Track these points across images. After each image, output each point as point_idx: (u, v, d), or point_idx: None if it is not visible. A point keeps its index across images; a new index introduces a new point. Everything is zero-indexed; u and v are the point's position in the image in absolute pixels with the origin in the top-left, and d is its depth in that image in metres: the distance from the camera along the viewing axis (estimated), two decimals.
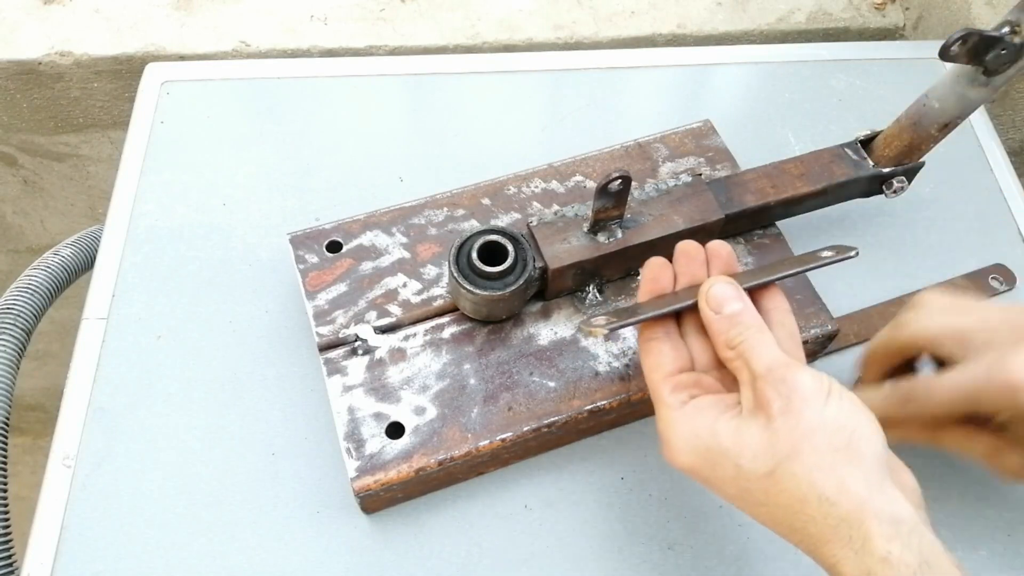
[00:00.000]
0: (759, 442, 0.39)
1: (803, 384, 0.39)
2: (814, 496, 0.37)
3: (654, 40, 0.85)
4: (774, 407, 0.39)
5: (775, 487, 0.39)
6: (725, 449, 0.40)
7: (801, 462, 0.38)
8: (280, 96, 0.73)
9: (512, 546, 0.54)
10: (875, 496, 0.37)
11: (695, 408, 0.43)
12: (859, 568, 0.36)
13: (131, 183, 0.67)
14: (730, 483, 0.41)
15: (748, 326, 0.42)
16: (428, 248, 0.58)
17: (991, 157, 0.73)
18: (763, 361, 0.41)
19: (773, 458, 0.39)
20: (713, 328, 0.44)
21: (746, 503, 0.41)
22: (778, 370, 0.40)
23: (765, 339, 0.42)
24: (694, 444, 0.42)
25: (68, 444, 0.55)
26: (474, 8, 0.86)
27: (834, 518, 0.37)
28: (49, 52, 0.83)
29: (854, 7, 0.89)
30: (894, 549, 0.35)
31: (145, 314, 0.61)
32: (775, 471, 0.38)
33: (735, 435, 0.40)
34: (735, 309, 0.43)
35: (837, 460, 0.38)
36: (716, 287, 0.44)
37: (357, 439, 0.51)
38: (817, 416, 0.38)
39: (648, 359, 0.46)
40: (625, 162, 0.63)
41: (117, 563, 0.52)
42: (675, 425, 0.43)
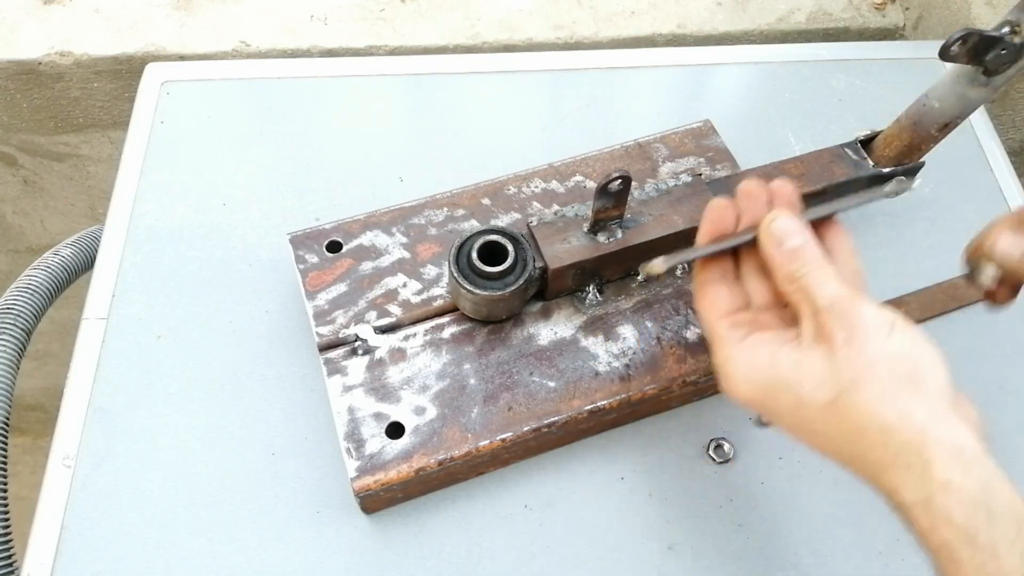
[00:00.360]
0: (820, 372, 0.39)
1: (867, 318, 0.39)
2: (876, 424, 0.37)
3: (654, 40, 0.85)
4: (837, 339, 0.39)
5: (836, 416, 0.39)
6: (786, 380, 0.40)
7: (863, 392, 0.38)
8: (280, 96, 0.73)
9: (512, 546, 0.54)
10: (937, 425, 0.37)
11: (754, 342, 0.43)
12: (919, 493, 0.36)
13: (131, 183, 0.67)
14: (790, 413, 0.41)
15: (810, 260, 0.42)
16: (428, 248, 0.58)
17: (991, 157, 0.73)
18: (826, 294, 0.40)
19: (835, 388, 0.39)
20: (774, 262, 0.43)
21: (806, 433, 0.41)
22: (841, 304, 0.40)
23: (827, 273, 0.41)
24: (754, 376, 0.42)
25: (68, 444, 0.55)
26: (474, 8, 0.86)
27: (895, 445, 0.37)
28: (49, 52, 0.83)
29: (854, 7, 0.89)
30: (955, 475, 0.35)
31: (145, 314, 0.61)
32: (836, 400, 0.39)
33: (796, 366, 0.40)
34: (797, 243, 0.43)
35: (900, 390, 0.37)
36: (778, 221, 0.43)
37: (357, 439, 0.51)
38: (880, 348, 0.38)
39: (704, 300, 0.46)
40: (625, 162, 0.63)
41: (117, 563, 0.52)
42: (734, 359, 0.43)
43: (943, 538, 0.35)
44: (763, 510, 0.55)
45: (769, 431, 0.58)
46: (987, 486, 0.35)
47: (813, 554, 0.54)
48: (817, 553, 0.54)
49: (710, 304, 0.46)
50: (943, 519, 0.35)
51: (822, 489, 0.56)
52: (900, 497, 0.37)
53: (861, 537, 0.55)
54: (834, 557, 0.54)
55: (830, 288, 0.41)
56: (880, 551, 0.54)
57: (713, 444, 0.57)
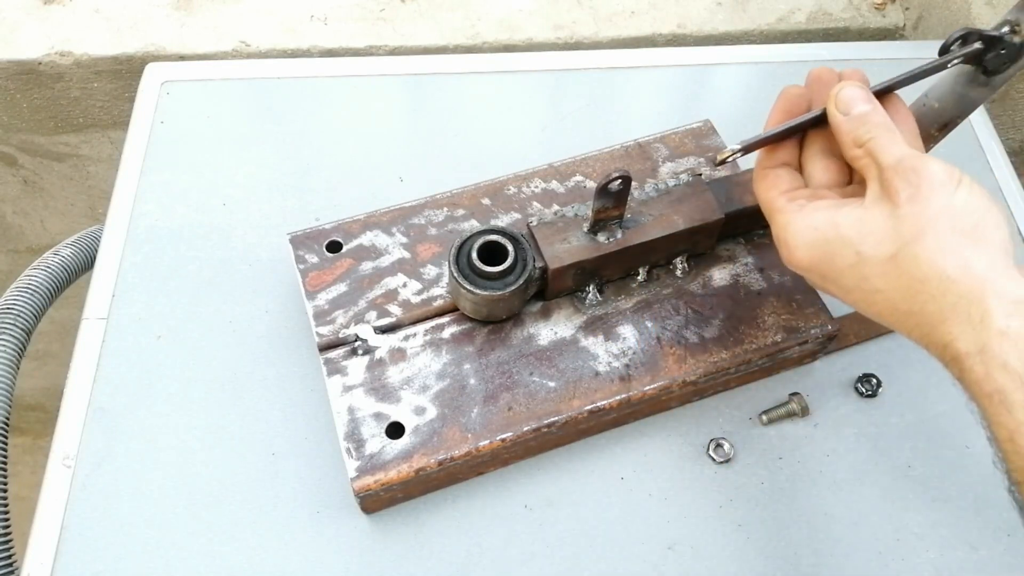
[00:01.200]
0: (883, 227, 0.40)
1: (933, 172, 0.39)
2: (935, 275, 0.38)
3: (654, 40, 0.85)
4: (902, 195, 0.39)
5: (896, 270, 0.39)
6: (846, 237, 0.41)
7: (925, 243, 0.38)
8: (280, 96, 0.73)
9: (512, 546, 0.54)
10: (998, 276, 0.37)
11: (813, 207, 0.43)
12: (975, 342, 0.36)
13: (131, 183, 0.67)
14: (848, 272, 0.41)
15: (876, 124, 0.43)
16: (428, 248, 0.58)
17: (991, 157, 0.73)
18: (893, 153, 0.41)
19: (897, 241, 0.39)
20: (842, 129, 0.44)
21: (862, 292, 0.41)
22: (908, 160, 0.40)
23: (894, 135, 0.42)
24: (813, 238, 0.42)
25: (68, 444, 0.55)
26: (474, 8, 0.86)
27: (954, 295, 0.37)
28: (49, 52, 0.83)
29: (854, 7, 0.89)
30: (1013, 323, 0.35)
31: (145, 314, 0.61)
32: (898, 254, 0.39)
33: (858, 223, 0.41)
34: (864, 109, 0.43)
35: (962, 242, 0.38)
36: (845, 90, 0.44)
37: (357, 439, 0.51)
38: (945, 202, 0.39)
39: (764, 180, 0.47)
40: (625, 162, 0.63)
41: (117, 563, 0.52)
42: (793, 224, 0.44)
43: (997, 384, 0.35)
44: (763, 510, 0.55)
45: (769, 430, 0.58)
46: None
47: (813, 554, 0.54)
48: (817, 553, 0.54)
49: (771, 183, 0.47)
50: (998, 365, 0.35)
51: (822, 489, 0.56)
52: (955, 348, 0.37)
53: (861, 537, 0.55)
54: (834, 557, 0.54)
55: (897, 148, 0.41)
56: (880, 551, 0.54)
57: (713, 444, 0.57)
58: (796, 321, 0.57)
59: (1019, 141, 0.87)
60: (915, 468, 0.57)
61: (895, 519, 0.55)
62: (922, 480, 0.57)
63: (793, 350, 0.57)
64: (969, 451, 0.58)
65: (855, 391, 0.59)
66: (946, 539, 0.55)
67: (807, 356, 0.60)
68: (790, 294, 0.58)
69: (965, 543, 0.55)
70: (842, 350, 0.62)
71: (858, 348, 0.61)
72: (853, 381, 0.60)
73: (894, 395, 0.60)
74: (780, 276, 0.59)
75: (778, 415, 0.58)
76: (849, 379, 0.60)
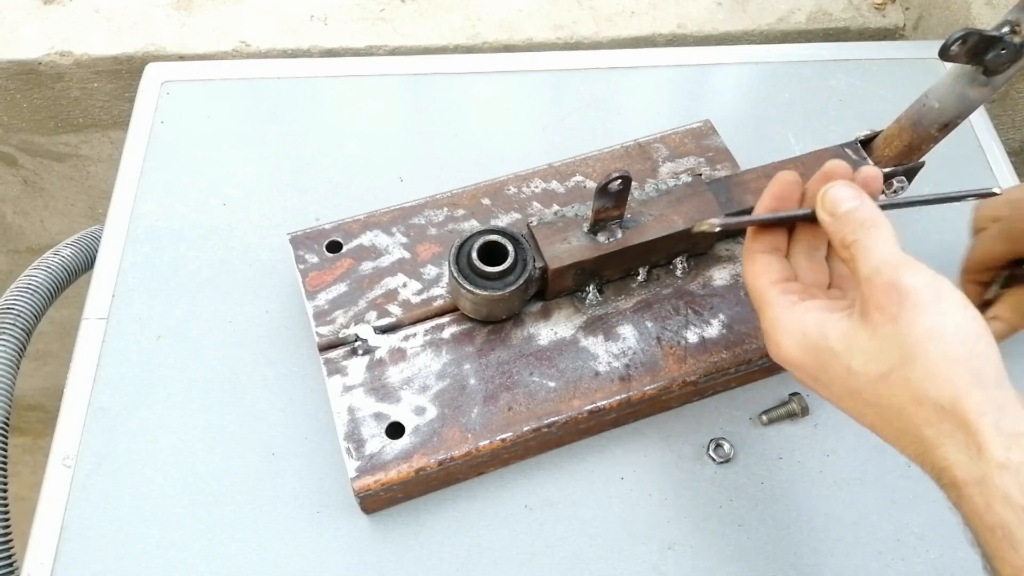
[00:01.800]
0: (871, 346, 0.38)
1: (915, 288, 0.37)
2: (929, 403, 0.36)
3: (654, 40, 0.85)
4: (883, 315, 0.38)
5: (887, 390, 0.37)
6: (834, 350, 0.39)
7: (915, 369, 0.36)
8: (280, 96, 0.73)
9: (512, 546, 0.54)
10: (994, 410, 0.35)
11: (804, 308, 0.42)
12: (973, 473, 0.35)
13: (131, 183, 0.67)
14: (839, 383, 0.40)
15: (861, 222, 0.40)
16: (428, 248, 0.58)
17: (991, 157, 0.73)
18: (873, 260, 0.39)
19: (886, 363, 0.37)
20: (829, 230, 0.42)
21: (855, 403, 0.40)
22: (887, 272, 0.38)
23: (880, 235, 0.40)
24: (801, 341, 0.41)
25: (68, 444, 0.55)
26: (474, 8, 0.86)
27: (950, 424, 0.36)
28: (49, 52, 0.83)
29: (854, 7, 0.89)
30: (1014, 457, 0.34)
31: (145, 314, 0.61)
32: (889, 375, 0.37)
33: (845, 337, 0.39)
34: (851, 207, 0.41)
35: (953, 371, 0.36)
36: (832, 189, 0.42)
37: (357, 439, 0.51)
38: (931, 325, 0.36)
39: (755, 267, 0.45)
40: (625, 162, 0.63)
41: (117, 563, 0.52)
42: (782, 322, 0.42)
43: (999, 517, 0.34)
44: (763, 510, 0.55)
45: (769, 430, 0.58)
46: None
47: (813, 554, 0.54)
48: (817, 553, 0.54)
49: (760, 270, 0.45)
50: (1000, 498, 0.34)
51: (822, 489, 0.56)
52: (951, 475, 0.36)
53: (861, 537, 0.55)
54: (834, 557, 0.54)
55: (878, 253, 0.39)
56: (880, 551, 0.54)
57: (713, 444, 0.57)
58: None
59: (1019, 141, 0.87)
60: (915, 468, 0.57)
61: (895, 519, 0.55)
62: (922, 480, 0.56)
63: None
64: None
65: None
66: (946, 539, 0.55)
67: None
68: None
69: (965, 543, 0.55)
70: None
71: None
72: None
73: None
74: None
75: (778, 415, 0.58)
76: None
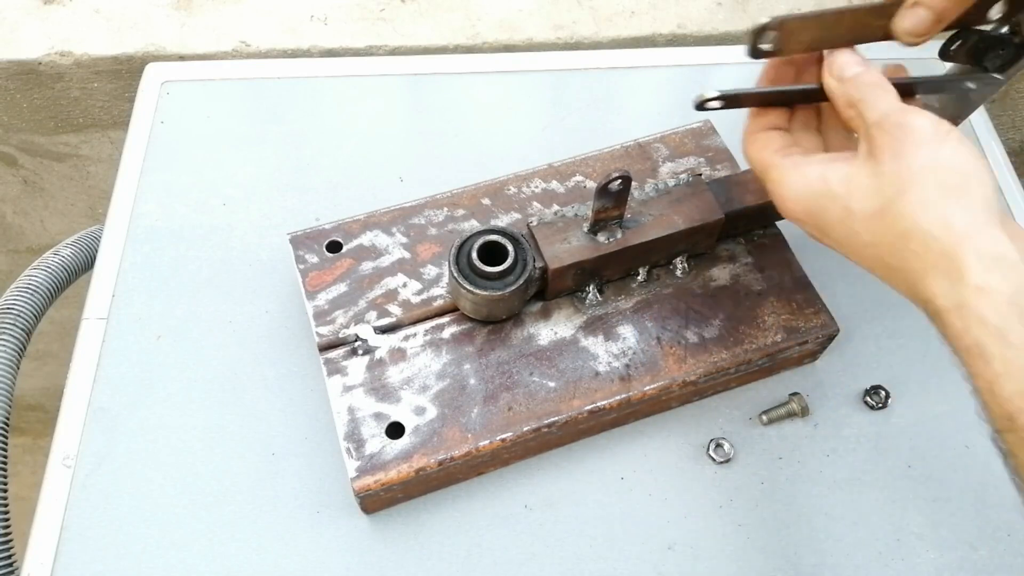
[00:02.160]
0: (869, 183, 0.40)
1: (920, 126, 0.39)
2: (918, 231, 0.38)
3: (654, 40, 0.85)
4: (887, 151, 0.40)
5: (881, 225, 0.40)
6: (835, 192, 0.42)
7: (909, 200, 0.38)
8: (280, 96, 0.73)
9: (512, 546, 0.54)
10: (977, 233, 0.37)
11: (805, 161, 0.44)
12: (953, 298, 0.37)
13: (131, 183, 0.67)
14: (838, 226, 0.42)
15: (868, 83, 0.42)
16: (428, 248, 0.58)
17: (991, 157, 0.73)
18: (879, 109, 0.41)
19: (882, 197, 0.39)
20: (835, 93, 0.44)
21: (852, 245, 0.42)
22: (894, 115, 0.40)
23: (883, 92, 0.42)
24: (804, 191, 0.43)
25: (68, 444, 0.55)
26: (474, 8, 0.86)
27: (935, 252, 0.38)
28: (49, 52, 0.83)
29: None
30: (991, 280, 0.36)
31: (145, 314, 0.61)
32: (884, 209, 0.39)
33: (846, 179, 0.41)
34: (856, 71, 0.43)
35: (945, 198, 0.38)
36: (839, 56, 0.44)
37: (357, 439, 0.51)
38: (931, 156, 0.39)
39: (755, 144, 0.47)
40: (625, 162, 0.63)
41: (117, 563, 0.52)
42: (785, 178, 0.44)
43: (974, 338, 0.36)
44: (763, 510, 0.55)
45: (769, 430, 0.58)
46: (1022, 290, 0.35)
47: (813, 554, 0.54)
48: (817, 553, 0.54)
49: (762, 144, 0.47)
50: (976, 319, 0.36)
51: (822, 489, 0.56)
52: (936, 304, 0.38)
53: (861, 537, 0.55)
54: (834, 557, 0.54)
55: (884, 103, 0.41)
56: (880, 551, 0.54)
57: (713, 444, 0.57)
58: (796, 321, 0.57)
59: (1019, 141, 0.87)
60: (915, 468, 0.57)
61: (895, 519, 0.55)
62: (922, 480, 0.57)
63: (793, 350, 0.57)
64: (969, 451, 0.58)
65: (864, 404, 0.59)
66: (946, 539, 0.55)
67: (807, 356, 0.60)
68: (790, 294, 0.58)
69: (965, 543, 0.55)
70: (839, 348, 0.61)
71: (858, 349, 0.61)
72: (854, 382, 0.60)
73: (895, 396, 0.59)
74: (780, 276, 0.59)
75: (778, 415, 0.58)
76: (850, 379, 0.60)
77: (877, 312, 0.63)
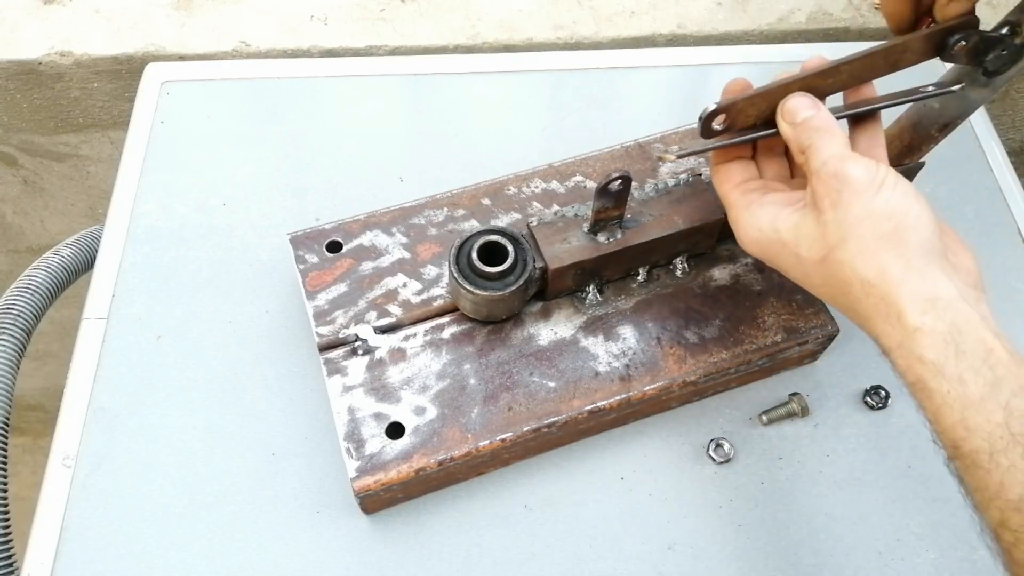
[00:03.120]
0: (813, 233, 0.43)
1: (854, 176, 0.41)
2: (857, 280, 0.41)
3: (654, 40, 0.85)
4: (826, 200, 0.42)
5: (827, 272, 0.42)
6: (784, 240, 0.45)
7: (847, 250, 0.41)
8: (280, 96, 0.73)
9: (512, 546, 0.54)
10: (913, 278, 0.40)
11: (759, 205, 0.47)
12: (895, 338, 0.40)
13: (131, 183, 0.67)
14: (792, 269, 0.45)
15: (815, 128, 0.44)
16: (428, 248, 0.58)
17: (991, 157, 0.73)
18: (822, 156, 0.43)
19: (825, 246, 0.42)
20: (789, 139, 0.46)
21: (808, 284, 0.45)
22: (831, 164, 0.42)
23: (831, 139, 0.43)
24: (757, 236, 0.46)
25: (68, 444, 0.55)
26: (474, 8, 0.86)
27: (875, 297, 0.40)
28: (49, 52, 0.82)
29: (854, 7, 0.89)
30: (926, 321, 0.39)
31: (145, 314, 0.61)
32: (827, 258, 0.42)
33: (793, 228, 0.44)
34: (807, 115, 0.45)
35: (880, 247, 0.40)
36: (790, 101, 0.46)
37: (357, 439, 0.51)
38: (865, 207, 0.41)
39: (719, 175, 0.50)
40: (625, 162, 0.63)
41: (117, 563, 0.52)
42: (740, 220, 0.47)
43: (917, 374, 0.39)
44: (763, 510, 0.55)
45: (769, 430, 0.58)
46: (956, 327, 0.38)
47: (813, 554, 0.54)
48: (817, 553, 0.54)
49: (724, 177, 0.50)
50: (915, 358, 0.39)
51: (822, 489, 0.56)
52: (881, 342, 0.41)
53: (861, 537, 0.55)
54: (834, 557, 0.54)
55: (826, 150, 0.43)
56: (880, 551, 0.54)
57: (713, 444, 0.57)
58: (796, 321, 0.57)
59: (1019, 141, 0.87)
60: (915, 468, 0.57)
61: (895, 519, 0.55)
62: (922, 480, 0.57)
63: (793, 350, 0.57)
64: None
65: (864, 404, 0.59)
66: (946, 539, 0.55)
67: (807, 356, 0.60)
68: (790, 294, 0.58)
69: (965, 543, 0.55)
70: (839, 347, 0.61)
71: (858, 349, 0.61)
72: (854, 382, 0.60)
73: (895, 396, 0.59)
74: (780, 276, 0.58)
75: (778, 415, 0.58)
76: (850, 379, 0.60)
77: None
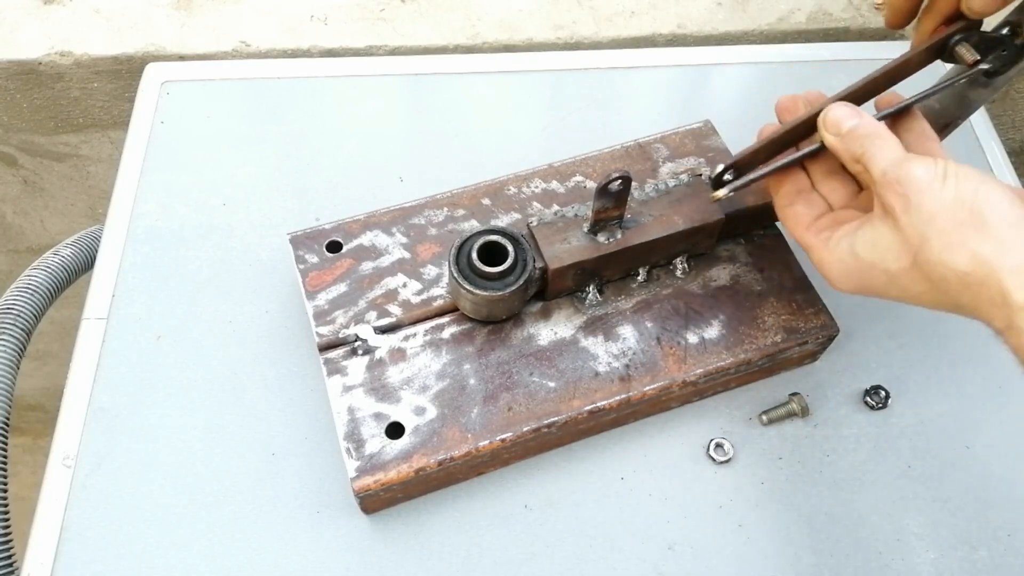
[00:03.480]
0: (893, 243, 0.42)
1: (916, 177, 0.41)
2: (952, 274, 0.40)
3: (654, 40, 0.85)
4: (897, 207, 0.41)
5: (921, 276, 0.42)
6: (869, 263, 0.44)
7: (932, 248, 0.40)
8: (280, 96, 0.73)
9: (512, 546, 0.54)
10: (1006, 255, 0.39)
11: (835, 241, 0.46)
12: (1004, 320, 0.39)
13: (131, 183, 0.67)
14: (888, 287, 0.44)
15: (865, 135, 0.44)
16: (428, 248, 0.58)
17: (991, 157, 0.73)
18: (880, 165, 0.42)
19: (909, 253, 0.41)
20: (838, 151, 0.45)
21: (909, 298, 0.44)
22: (892, 171, 0.42)
23: (884, 143, 0.43)
24: (843, 272, 0.45)
25: (68, 444, 0.55)
26: (474, 8, 0.86)
27: (974, 286, 0.39)
28: (49, 52, 0.82)
29: (854, 7, 0.89)
30: None
31: (145, 314, 0.61)
32: (915, 262, 0.41)
33: (872, 246, 0.43)
34: (852, 124, 0.45)
35: (964, 234, 0.39)
36: (831, 112, 0.46)
37: (357, 439, 0.51)
38: (936, 201, 0.40)
39: (788, 220, 0.50)
40: (625, 162, 0.63)
41: (117, 563, 0.52)
42: (824, 261, 0.47)
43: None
44: (763, 510, 0.55)
45: (769, 430, 0.58)
46: None
47: (813, 554, 0.54)
48: (817, 553, 0.54)
49: (794, 220, 0.49)
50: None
51: (822, 489, 0.56)
52: (994, 326, 0.40)
53: (861, 537, 0.55)
54: (834, 557, 0.54)
55: (883, 157, 0.43)
56: (880, 551, 0.54)
57: (713, 444, 0.57)
58: (796, 321, 0.57)
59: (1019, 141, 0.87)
60: (915, 468, 0.57)
61: (895, 519, 0.55)
62: (922, 480, 0.57)
63: (793, 350, 0.57)
64: (969, 451, 0.58)
65: (864, 404, 0.59)
66: (946, 539, 0.55)
67: (807, 356, 0.60)
68: (790, 294, 0.58)
69: (965, 543, 0.55)
70: (839, 346, 0.61)
71: (858, 349, 0.61)
72: (854, 382, 0.60)
73: (895, 396, 0.59)
74: (780, 276, 0.59)
75: (778, 415, 0.58)
76: (850, 379, 0.60)
77: (877, 312, 0.63)
